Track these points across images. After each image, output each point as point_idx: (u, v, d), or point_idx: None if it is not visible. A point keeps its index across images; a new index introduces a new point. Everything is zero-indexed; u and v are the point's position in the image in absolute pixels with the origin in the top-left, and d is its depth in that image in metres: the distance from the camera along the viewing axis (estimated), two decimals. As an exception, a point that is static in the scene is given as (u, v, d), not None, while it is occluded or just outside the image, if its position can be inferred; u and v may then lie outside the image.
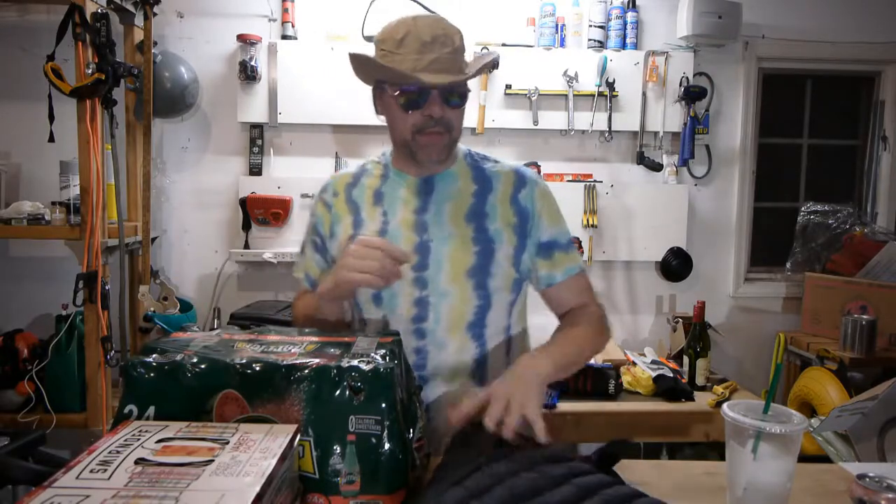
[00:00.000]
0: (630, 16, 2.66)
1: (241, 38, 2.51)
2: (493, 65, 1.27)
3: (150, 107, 2.34)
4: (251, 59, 2.51)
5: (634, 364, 2.42)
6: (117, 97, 2.10)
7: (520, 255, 1.21)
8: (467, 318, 1.18)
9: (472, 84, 2.58)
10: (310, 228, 1.30)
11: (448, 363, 1.18)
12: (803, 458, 0.85)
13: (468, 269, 1.16)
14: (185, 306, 2.48)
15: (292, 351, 0.86)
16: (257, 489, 0.62)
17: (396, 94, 1.13)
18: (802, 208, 2.86)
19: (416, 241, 1.17)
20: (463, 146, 1.27)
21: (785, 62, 2.87)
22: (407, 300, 1.17)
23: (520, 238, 1.21)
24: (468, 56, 1.19)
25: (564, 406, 2.17)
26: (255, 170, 2.64)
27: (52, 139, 2.05)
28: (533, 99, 2.62)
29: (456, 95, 1.13)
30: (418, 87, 1.10)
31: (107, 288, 2.04)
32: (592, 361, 2.47)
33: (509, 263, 1.20)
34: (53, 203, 2.12)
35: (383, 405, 0.80)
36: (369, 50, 1.18)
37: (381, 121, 1.25)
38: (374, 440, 0.79)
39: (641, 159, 2.72)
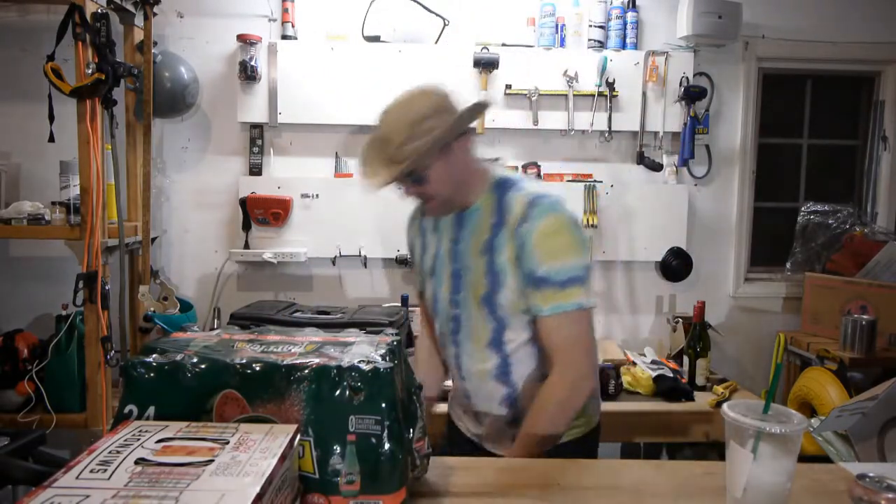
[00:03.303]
0: (630, 16, 2.66)
1: (241, 38, 2.50)
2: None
3: (150, 107, 2.34)
4: (251, 59, 2.51)
5: (634, 364, 2.42)
6: (117, 97, 2.09)
7: (525, 287, 1.26)
8: (487, 337, 1.32)
9: (473, 84, 2.59)
10: None
11: (476, 369, 1.36)
12: (803, 458, 0.85)
13: (482, 297, 1.30)
14: (185, 306, 2.48)
15: (292, 351, 0.87)
16: (257, 489, 0.62)
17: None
18: (802, 208, 2.86)
19: (452, 268, 1.35)
20: (499, 172, 1.36)
21: (785, 62, 2.87)
22: (445, 315, 1.39)
23: (520, 270, 1.25)
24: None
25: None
26: (255, 170, 2.64)
27: (52, 139, 2.05)
28: (533, 99, 2.62)
29: (412, 179, 1.26)
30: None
31: (107, 288, 2.04)
32: (592, 361, 2.47)
33: (515, 295, 1.26)
34: (53, 203, 2.12)
35: (383, 405, 0.80)
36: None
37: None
38: (374, 440, 0.79)
39: (641, 159, 2.72)
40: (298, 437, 0.76)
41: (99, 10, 2.00)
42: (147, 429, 0.74)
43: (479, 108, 1.29)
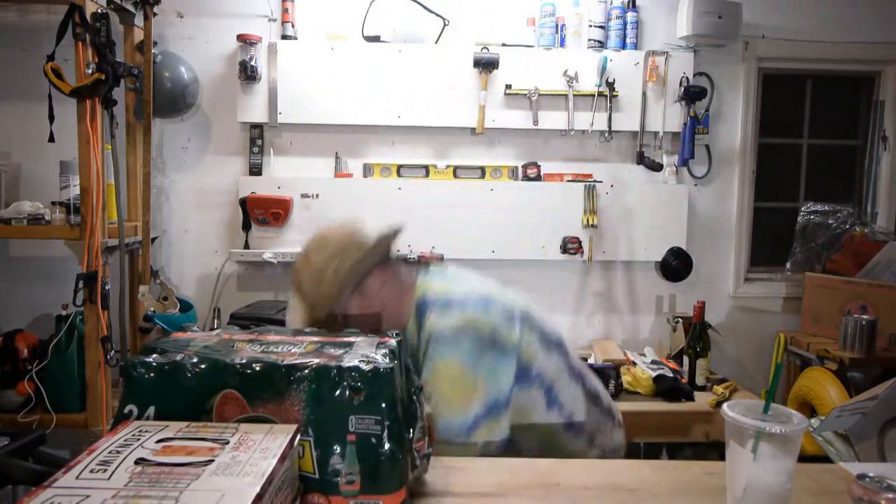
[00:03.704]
0: (630, 16, 2.66)
1: (241, 38, 2.51)
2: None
3: (150, 107, 2.34)
4: (251, 59, 2.51)
5: (634, 364, 2.42)
6: (117, 97, 2.09)
7: None
8: None
9: (473, 84, 2.60)
10: None
11: None
12: (803, 458, 0.85)
13: None
14: (185, 306, 2.48)
15: (292, 351, 0.86)
16: (257, 489, 0.62)
17: None
18: (802, 208, 2.86)
19: None
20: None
21: (785, 62, 2.87)
22: None
23: None
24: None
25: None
26: (255, 170, 2.64)
27: (52, 139, 2.05)
28: (533, 99, 2.62)
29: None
30: None
31: (107, 288, 2.04)
32: (592, 361, 2.48)
33: None
34: (53, 203, 2.12)
35: (383, 405, 0.80)
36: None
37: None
38: (374, 440, 0.79)
39: (641, 159, 2.72)
40: (298, 437, 0.76)
41: (99, 10, 2.00)
42: (147, 429, 0.74)
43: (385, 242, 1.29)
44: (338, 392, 0.80)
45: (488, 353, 1.20)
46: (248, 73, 2.51)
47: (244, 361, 0.82)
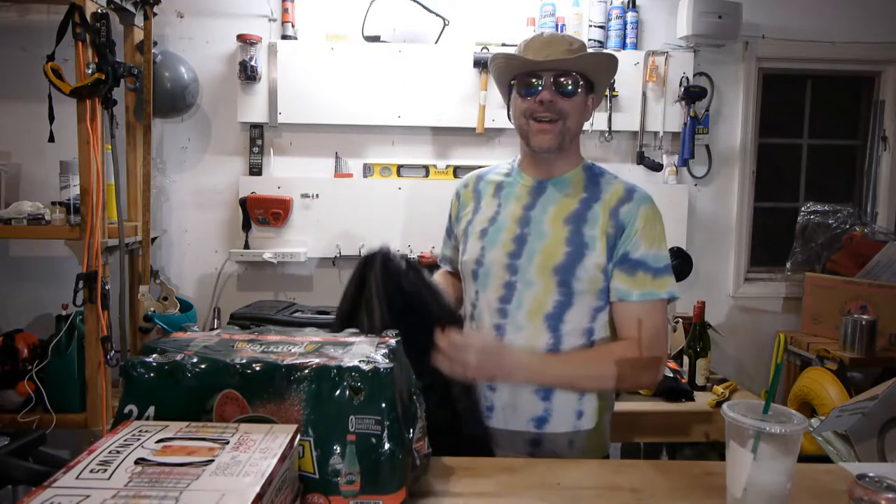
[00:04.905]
0: (630, 16, 2.66)
1: (241, 38, 2.50)
2: (610, 66, 1.31)
3: (150, 107, 2.34)
4: (251, 59, 2.51)
5: (634, 364, 2.42)
6: (117, 97, 2.09)
7: (608, 265, 1.23)
8: (546, 309, 1.24)
9: (472, 84, 2.59)
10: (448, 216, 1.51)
11: (520, 346, 1.25)
12: (803, 458, 0.85)
13: (555, 266, 1.23)
14: (185, 306, 2.48)
15: (292, 351, 0.87)
16: (257, 489, 0.62)
17: (514, 82, 1.27)
18: (802, 208, 2.86)
19: (516, 232, 1.27)
20: (589, 161, 1.35)
21: (785, 62, 2.86)
22: (497, 281, 1.27)
23: (611, 249, 1.23)
24: None
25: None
26: (255, 170, 2.64)
27: (52, 139, 2.05)
28: (533, 99, 2.61)
29: (568, 84, 1.23)
30: (532, 74, 1.23)
31: (107, 288, 2.04)
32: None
33: (598, 270, 1.23)
34: (53, 203, 2.12)
35: (383, 405, 0.80)
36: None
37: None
38: (374, 440, 0.79)
39: (641, 159, 2.72)
40: (298, 437, 0.76)
41: (99, 10, 2.00)
42: (147, 429, 0.74)
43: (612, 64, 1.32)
44: (338, 392, 0.80)
45: None
46: (248, 73, 2.51)
47: (244, 361, 0.82)
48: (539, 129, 1.24)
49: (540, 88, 1.23)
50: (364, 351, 0.86)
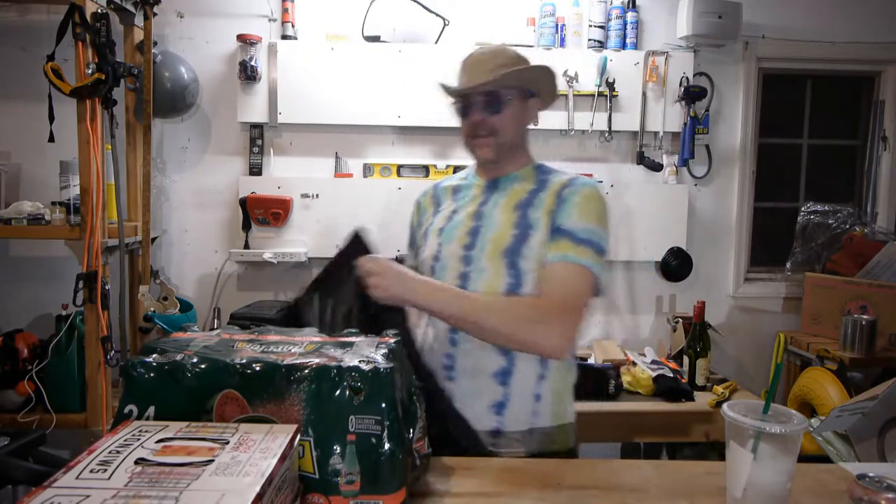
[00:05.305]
0: (630, 16, 2.66)
1: (241, 38, 2.50)
2: (536, 76, 1.38)
3: (150, 107, 2.34)
4: (251, 59, 2.51)
5: (634, 364, 2.42)
6: (117, 97, 2.09)
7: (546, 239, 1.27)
8: (499, 293, 1.27)
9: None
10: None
11: None
12: (803, 458, 0.85)
13: (503, 249, 1.27)
14: (185, 306, 2.48)
15: (292, 351, 0.87)
16: (257, 489, 0.62)
17: (452, 104, 1.39)
18: (802, 208, 2.86)
19: (471, 226, 1.34)
20: (539, 161, 1.44)
21: (785, 62, 2.87)
22: (452, 273, 1.33)
23: (550, 223, 1.26)
24: None
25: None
26: (255, 170, 2.64)
27: (52, 139, 2.05)
28: (533, 99, 2.61)
29: (494, 103, 1.32)
30: (462, 97, 1.35)
31: (107, 288, 2.04)
32: (592, 361, 2.48)
33: (543, 248, 1.25)
34: (53, 203, 2.12)
35: (383, 405, 0.80)
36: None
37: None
38: (374, 440, 0.79)
39: (641, 159, 2.72)
40: (298, 437, 0.76)
41: (99, 10, 2.00)
42: (147, 429, 0.74)
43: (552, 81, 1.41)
44: (338, 392, 0.80)
45: None
46: (248, 73, 2.51)
47: (244, 361, 0.82)
48: (477, 145, 1.35)
49: (469, 111, 1.34)
50: (364, 351, 0.86)
